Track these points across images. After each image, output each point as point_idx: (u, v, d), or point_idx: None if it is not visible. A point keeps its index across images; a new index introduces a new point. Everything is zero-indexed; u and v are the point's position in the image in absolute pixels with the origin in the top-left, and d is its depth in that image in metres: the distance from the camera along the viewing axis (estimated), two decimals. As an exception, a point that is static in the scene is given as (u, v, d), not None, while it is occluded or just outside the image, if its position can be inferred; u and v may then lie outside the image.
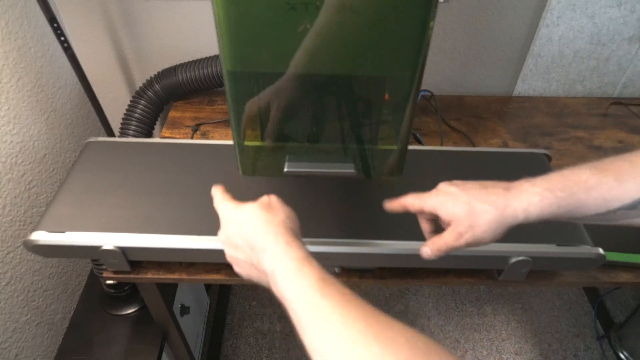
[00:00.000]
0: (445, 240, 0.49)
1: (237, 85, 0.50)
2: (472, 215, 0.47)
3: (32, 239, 0.65)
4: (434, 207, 0.50)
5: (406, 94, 0.51)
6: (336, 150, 0.57)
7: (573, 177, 0.46)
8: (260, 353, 1.37)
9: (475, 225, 0.47)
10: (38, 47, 0.97)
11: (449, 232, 0.49)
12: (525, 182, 0.47)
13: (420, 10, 0.44)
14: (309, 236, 0.67)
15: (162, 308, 0.87)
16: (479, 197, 0.47)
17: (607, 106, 1.16)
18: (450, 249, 0.49)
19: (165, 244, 0.66)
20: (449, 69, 1.17)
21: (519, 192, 0.46)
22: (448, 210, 0.49)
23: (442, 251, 0.49)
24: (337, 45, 0.46)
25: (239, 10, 0.44)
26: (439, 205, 0.50)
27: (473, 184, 0.50)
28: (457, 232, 0.48)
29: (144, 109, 1.03)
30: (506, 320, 1.49)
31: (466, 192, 0.49)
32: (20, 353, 0.92)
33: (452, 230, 0.48)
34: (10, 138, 0.89)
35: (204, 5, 1.03)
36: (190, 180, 0.75)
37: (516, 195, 0.46)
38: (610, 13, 1.04)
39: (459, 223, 0.48)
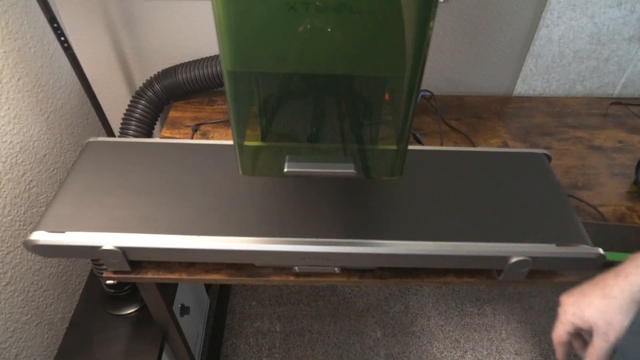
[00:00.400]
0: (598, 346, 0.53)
1: (237, 85, 0.50)
2: (605, 312, 0.52)
3: (32, 239, 0.65)
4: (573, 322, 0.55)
5: (406, 94, 0.51)
6: (336, 150, 0.57)
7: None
8: (260, 353, 1.37)
9: (612, 322, 0.52)
10: (38, 47, 0.97)
11: (595, 338, 0.53)
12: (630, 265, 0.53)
13: (420, 10, 0.44)
14: (309, 236, 0.67)
15: (162, 308, 0.87)
16: (599, 295, 0.53)
17: (607, 106, 1.16)
18: (608, 352, 0.53)
19: (166, 244, 0.66)
20: (449, 69, 1.17)
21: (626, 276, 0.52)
22: (583, 318, 0.54)
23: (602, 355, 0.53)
24: (337, 46, 0.46)
25: (239, 10, 0.44)
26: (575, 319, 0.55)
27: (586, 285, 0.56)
28: (602, 333, 0.52)
29: (144, 109, 1.03)
30: (506, 320, 1.49)
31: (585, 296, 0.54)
32: (20, 353, 0.92)
33: (597, 335, 0.53)
34: (10, 138, 0.89)
35: (204, 5, 1.04)
36: (190, 180, 0.75)
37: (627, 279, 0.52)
38: (610, 13, 1.04)
39: (598, 324, 0.52)
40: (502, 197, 0.75)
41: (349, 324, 1.46)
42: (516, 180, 0.79)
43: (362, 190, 0.76)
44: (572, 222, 0.71)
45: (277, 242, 0.66)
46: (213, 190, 0.74)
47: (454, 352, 1.40)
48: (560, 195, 0.76)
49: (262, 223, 0.69)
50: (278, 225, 0.69)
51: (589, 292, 0.54)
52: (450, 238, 0.68)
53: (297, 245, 0.66)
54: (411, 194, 0.75)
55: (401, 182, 0.77)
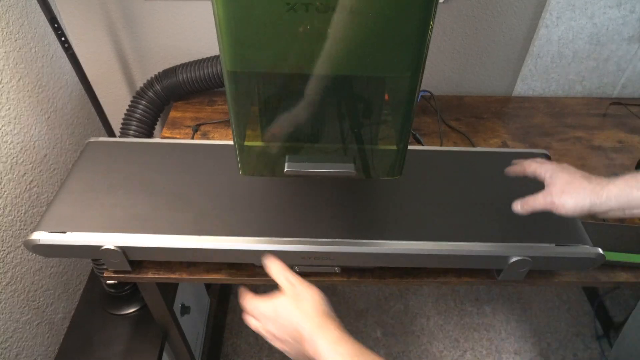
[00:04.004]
0: (537, 198, 0.59)
1: (237, 86, 0.50)
2: (569, 183, 0.56)
3: (32, 239, 0.65)
4: (546, 169, 0.60)
5: (406, 94, 0.51)
6: (336, 150, 0.57)
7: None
8: (260, 352, 1.37)
9: (566, 191, 0.56)
10: (39, 48, 0.97)
11: (541, 193, 0.59)
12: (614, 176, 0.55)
13: (420, 10, 0.44)
14: (309, 236, 0.67)
15: (162, 308, 0.87)
16: (583, 174, 0.57)
17: (606, 106, 1.16)
18: (538, 208, 0.58)
19: (166, 243, 0.66)
20: (449, 69, 1.17)
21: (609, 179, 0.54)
22: (554, 174, 0.58)
23: (530, 206, 0.59)
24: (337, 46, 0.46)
25: (239, 11, 0.44)
26: (550, 170, 0.59)
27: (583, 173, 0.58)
28: (548, 191, 0.57)
29: (145, 109, 1.03)
30: (505, 319, 1.49)
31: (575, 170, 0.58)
32: (20, 352, 0.92)
33: (545, 191, 0.58)
34: (11, 138, 0.89)
35: (204, 5, 1.04)
36: (190, 180, 0.75)
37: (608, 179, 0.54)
38: (610, 13, 1.04)
39: (555, 186, 0.57)
40: (502, 197, 0.75)
41: (349, 324, 1.46)
42: (516, 180, 0.79)
43: (362, 190, 0.76)
44: (571, 222, 0.71)
45: (277, 242, 0.66)
46: (213, 190, 0.74)
47: (453, 351, 1.41)
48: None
49: (262, 223, 0.69)
50: (278, 225, 0.69)
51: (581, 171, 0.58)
52: (450, 238, 0.68)
53: (297, 245, 0.66)
54: (411, 194, 0.75)
55: (401, 182, 0.77)
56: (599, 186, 0.54)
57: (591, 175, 0.57)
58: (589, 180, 0.55)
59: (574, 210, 0.55)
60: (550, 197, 0.57)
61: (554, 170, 0.59)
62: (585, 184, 0.55)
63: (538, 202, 0.58)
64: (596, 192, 0.54)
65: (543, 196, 0.58)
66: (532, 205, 0.59)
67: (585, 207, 0.54)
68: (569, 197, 0.55)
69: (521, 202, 0.61)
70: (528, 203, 0.60)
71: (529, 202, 0.60)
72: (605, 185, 0.54)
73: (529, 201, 0.60)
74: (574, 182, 0.56)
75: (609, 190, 0.53)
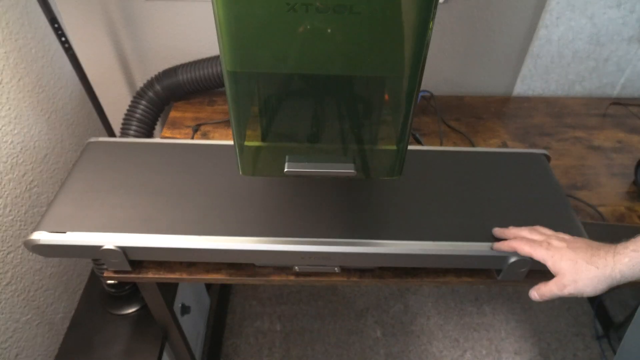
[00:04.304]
0: (551, 288, 0.58)
1: (237, 86, 0.50)
2: (577, 272, 0.56)
3: (32, 239, 0.65)
4: (544, 259, 0.59)
5: (406, 95, 0.51)
6: (336, 151, 0.57)
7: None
8: (260, 352, 1.37)
9: (579, 280, 0.55)
10: (39, 48, 0.97)
11: (554, 282, 0.58)
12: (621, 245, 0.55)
13: (420, 11, 0.44)
14: (309, 236, 0.67)
15: (162, 308, 0.87)
16: (585, 257, 0.56)
17: (606, 106, 1.16)
18: (553, 296, 0.59)
19: (166, 243, 0.66)
20: (449, 70, 1.17)
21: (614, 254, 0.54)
22: (556, 264, 0.58)
23: (546, 297, 0.59)
24: (337, 46, 0.46)
25: (239, 11, 0.44)
26: (548, 258, 0.59)
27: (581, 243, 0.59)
28: (561, 284, 0.57)
29: (145, 109, 1.03)
30: (505, 319, 1.49)
31: (574, 251, 0.57)
32: (20, 352, 0.92)
33: (557, 281, 0.58)
34: (11, 138, 0.89)
35: (204, 5, 1.04)
36: (190, 180, 0.75)
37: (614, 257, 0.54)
38: (610, 13, 1.04)
39: (564, 276, 0.57)
40: (502, 197, 0.75)
41: (349, 324, 1.46)
42: (515, 181, 0.79)
43: (362, 190, 0.76)
44: (571, 222, 0.71)
45: (277, 242, 0.66)
46: (213, 190, 0.74)
47: (453, 351, 1.41)
48: (560, 196, 0.76)
49: (262, 223, 0.69)
50: (278, 225, 0.69)
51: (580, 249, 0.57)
52: (450, 238, 0.68)
53: (297, 245, 0.66)
54: (411, 194, 0.75)
55: (401, 182, 0.77)
56: (608, 269, 0.54)
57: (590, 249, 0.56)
58: (595, 264, 0.55)
59: (594, 294, 0.56)
60: (566, 289, 0.57)
61: (552, 259, 0.58)
62: (594, 271, 0.54)
63: (554, 293, 0.58)
64: (610, 276, 0.54)
65: (558, 288, 0.57)
66: (548, 297, 0.59)
67: (605, 290, 0.55)
68: (585, 286, 0.55)
69: (537, 292, 0.61)
70: (545, 295, 0.59)
71: (546, 294, 0.59)
72: (613, 266, 0.53)
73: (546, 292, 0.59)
74: (582, 270, 0.55)
75: (620, 271, 0.53)
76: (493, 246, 0.66)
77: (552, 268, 0.58)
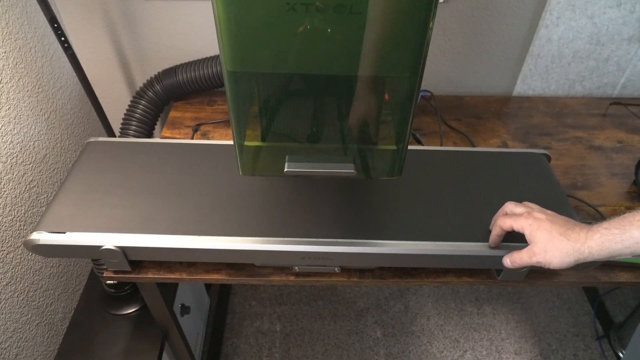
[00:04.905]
0: (521, 255, 0.61)
1: (237, 86, 0.50)
2: (549, 242, 0.57)
3: (32, 239, 0.65)
4: (522, 227, 0.61)
5: (406, 94, 0.51)
6: (336, 150, 0.57)
7: (629, 217, 0.53)
8: (260, 352, 1.37)
9: (548, 250, 0.57)
10: (38, 48, 0.97)
11: (526, 250, 0.60)
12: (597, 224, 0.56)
13: (420, 11, 0.44)
14: (309, 236, 0.67)
15: (162, 308, 0.87)
16: (560, 230, 0.57)
17: (606, 106, 1.16)
18: (525, 265, 0.61)
19: (166, 243, 0.66)
20: (449, 69, 1.17)
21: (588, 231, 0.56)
22: (532, 232, 0.59)
23: (517, 264, 0.62)
24: (337, 46, 0.46)
25: (239, 11, 0.44)
26: (526, 227, 0.60)
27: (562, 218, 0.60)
28: (532, 251, 0.59)
29: (145, 109, 1.03)
30: (505, 320, 1.49)
31: (551, 223, 0.59)
32: (20, 353, 0.92)
33: (529, 249, 0.60)
34: (10, 138, 0.89)
35: (204, 5, 1.04)
36: (190, 180, 0.75)
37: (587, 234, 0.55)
38: (610, 13, 1.04)
39: (536, 245, 0.59)
40: (502, 197, 0.75)
41: (349, 324, 1.46)
42: (516, 181, 0.79)
43: (362, 190, 0.76)
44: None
45: (277, 242, 0.66)
46: (213, 190, 0.74)
47: (453, 351, 1.41)
48: (560, 196, 0.76)
49: (262, 223, 0.69)
50: (278, 225, 0.69)
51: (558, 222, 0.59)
52: (450, 238, 0.68)
53: (297, 245, 0.66)
54: (411, 194, 0.75)
55: (401, 182, 0.77)
56: (579, 243, 0.55)
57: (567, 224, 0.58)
58: (567, 237, 0.56)
59: (561, 267, 0.57)
60: (535, 256, 0.59)
61: (530, 228, 0.60)
62: (564, 243, 0.56)
63: (524, 260, 0.60)
64: (578, 250, 0.55)
65: (528, 255, 0.60)
66: (518, 263, 0.62)
67: (571, 263, 0.56)
68: (553, 257, 0.57)
69: (509, 258, 0.63)
70: (516, 261, 0.62)
71: (517, 260, 0.62)
72: (584, 241, 0.55)
73: (516, 259, 0.62)
74: (554, 241, 0.57)
75: (589, 247, 0.54)
76: (489, 243, 0.67)
77: (528, 237, 0.60)
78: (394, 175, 0.60)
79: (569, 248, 0.56)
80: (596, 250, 0.54)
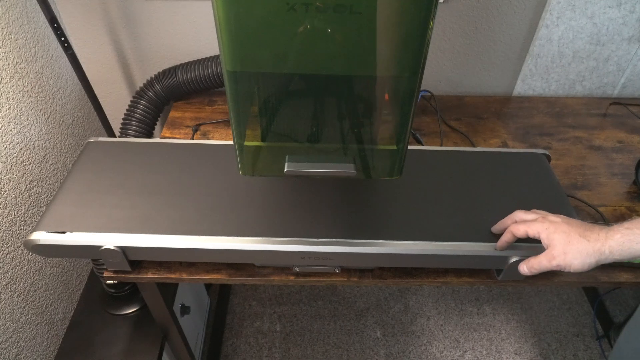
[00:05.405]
0: (540, 260, 0.58)
1: (237, 86, 0.50)
2: (568, 244, 0.56)
3: (32, 239, 0.65)
4: (538, 231, 0.59)
5: (406, 94, 0.51)
6: (336, 150, 0.57)
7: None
8: (260, 353, 1.37)
9: (568, 252, 0.55)
10: (38, 47, 0.97)
11: (544, 254, 0.58)
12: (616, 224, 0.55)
13: (420, 11, 0.44)
14: (309, 236, 0.67)
15: (162, 308, 0.87)
16: (578, 231, 0.56)
17: (606, 106, 1.16)
18: (544, 270, 0.58)
19: (166, 243, 0.66)
20: (449, 69, 1.17)
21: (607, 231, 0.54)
22: (549, 235, 0.57)
23: (538, 270, 0.59)
24: (337, 46, 0.46)
25: (239, 11, 0.44)
26: (542, 230, 0.58)
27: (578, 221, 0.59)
28: (551, 255, 0.57)
29: (145, 109, 1.03)
30: (506, 319, 1.49)
31: (569, 224, 0.57)
32: (20, 353, 0.92)
33: (547, 253, 0.58)
34: (10, 138, 0.89)
35: (204, 5, 1.04)
36: (190, 180, 0.75)
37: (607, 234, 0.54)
38: (610, 13, 1.04)
39: (555, 248, 0.57)
40: (502, 197, 0.75)
41: (349, 324, 1.46)
42: (516, 180, 0.79)
43: (362, 190, 0.76)
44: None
45: (277, 242, 0.66)
46: (213, 190, 0.74)
47: (453, 351, 1.41)
48: (560, 196, 0.76)
49: (262, 223, 0.69)
50: (278, 225, 0.69)
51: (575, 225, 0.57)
52: (450, 238, 0.68)
53: (297, 245, 0.66)
54: (411, 194, 0.75)
55: (401, 182, 0.77)
56: (599, 243, 0.54)
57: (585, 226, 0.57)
58: (587, 238, 0.55)
59: (582, 269, 0.55)
60: (554, 260, 0.56)
61: (547, 230, 0.58)
62: (584, 244, 0.55)
63: (543, 265, 0.58)
64: (599, 250, 0.54)
65: (547, 260, 0.57)
66: (538, 269, 0.59)
67: (592, 264, 0.55)
68: (573, 259, 0.55)
69: (526, 265, 0.61)
70: (534, 266, 0.59)
71: (535, 266, 0.59)
72: (604, 241, 0.54)
73: (534, 265, 0.59)
74: (573, 242, 0.55)
75: (610, 247, 0.53)
76: (496, 246, 0.66)
77: (545, 240, 0.58)
78: (394, 175, 0.60)
79: (590, 249, 0.54)
80: (617, 250, 0.53)
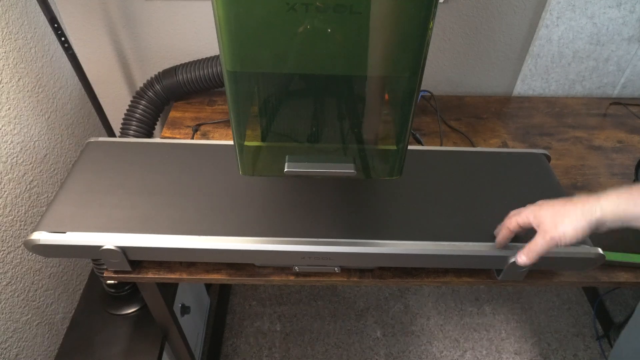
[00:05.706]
0: (535, 241, 0.57)
1: (237, 86, 0.50)
2: (556, 214, 0.55)
3: (32, 239, 0.65)
4: (527, 217, 0.59)
5: (406, 94, 0.51)
6: (336, 150, 0.57)
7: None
8: (260, 352, 1.37)
9: (558, 222, 0.54)
10: (39, 47, 0.97)
11: (537, 235, 0.57)
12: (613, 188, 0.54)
13: (420, 11, 0.44)
14: (309, 236, 0.67)
15: (162, 308, 0.87)
16: (563, 202, 0.55)
17: (606, 106, 1.16)
18: (542, 250, 0.56)
19: (166, 243, 0.66)
20: (449, 69, 1.17)
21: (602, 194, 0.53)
22: (536, 215, 0.57)
23: (536, 252, 0.57)
24: (337, 46, 0.46)
25: (239, 11, 0.44)
26: (530, 214, 0.58)
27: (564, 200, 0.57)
28: (543, 231, 0.56)
29: (145, 109, 1.03)
30: (505, 319, 1.49)
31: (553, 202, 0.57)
32: (20, 353, 0.92)
33: (539, 232, 0.56)
34: (11, 138, 0.89)
35: (204, 5, 1.04)
36: (190, 180, 0.75)
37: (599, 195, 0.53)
38: (610, 13, 1.04)
39: (545, 223, 0.56)
40: (502, 197, 0.75)
41: (349, 324, 1.46)
42: (516, 180, 0.79)
43: (362, 190, 0.76)
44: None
45: (277, 242, 0.66)
46: (213, 190, 0.74)
47: (453, 351, 1.41)
48: (560, 196, 0.76)
49: (262, 223, 0.69)
50: (278, 225, 0.69)
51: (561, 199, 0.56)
52: (450, 238, 0.68)
53: (297, 245, 0.66)
54: (411, 194, 0.75)
55: (401, 182, 0.77)
56: (589, 204, 0.52)
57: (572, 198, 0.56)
58: (574, 203, 0.54)
59: (576, 236, 0.53)
60: (547, 234, 0.55)
61: (533, 210, 0.57)
62: (572, 208, 0.53)
63: (539, 245, 0.56)
64: (589, 211, 0.52)
65: (541, 237, 0.56)
66: (535, 251, 0.57)
67: (585, 228, 0.53)
68: (564, 227, 0.53)
69: (523, 253, 0.59)
70: (531, 250, 0.57)
71: (532, 249, 0.57)
72: (595, 201, 0.52)
73: (531, 248, 0.57)
74: (560, 211, 0.54)
75: (602, 207, 0.51)
76: (496, 245, 0.66)
77: (533, 221, 0.57)
78: (394, 175, 0.60)
79: (578, 211, 0.52)
80: (610, 211, 0.51)
